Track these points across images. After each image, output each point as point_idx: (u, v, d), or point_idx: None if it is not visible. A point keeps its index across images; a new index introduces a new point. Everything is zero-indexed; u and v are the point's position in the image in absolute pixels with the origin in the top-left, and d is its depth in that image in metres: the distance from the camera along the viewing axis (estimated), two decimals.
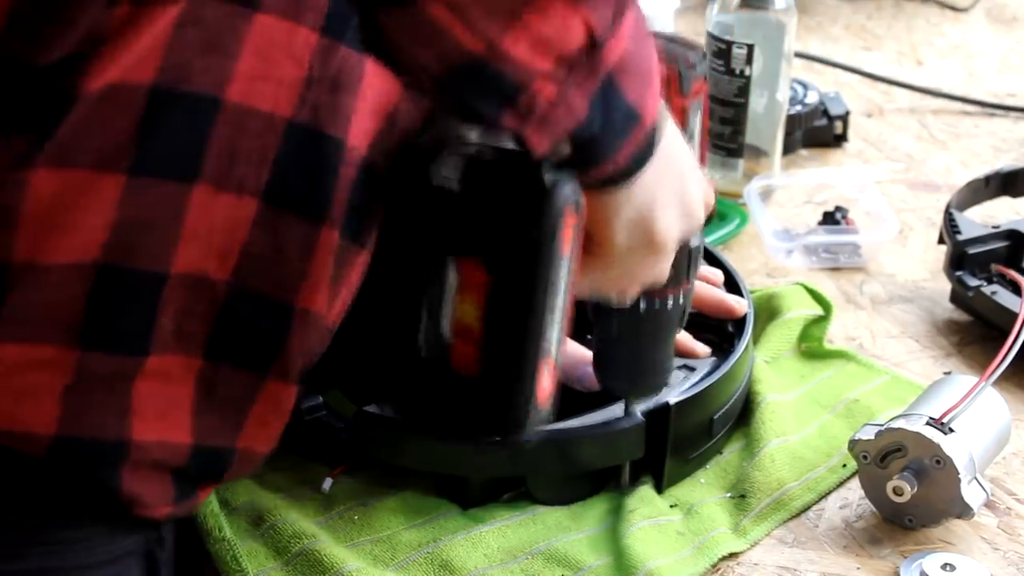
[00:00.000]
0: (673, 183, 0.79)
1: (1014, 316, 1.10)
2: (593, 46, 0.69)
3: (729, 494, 1.02)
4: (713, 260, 1.16)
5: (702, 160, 0.92)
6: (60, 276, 0.77)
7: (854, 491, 1.02)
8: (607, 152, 0.73)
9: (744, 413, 1.08)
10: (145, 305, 0.79)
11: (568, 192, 0.71)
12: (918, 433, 0.96)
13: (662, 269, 0.85)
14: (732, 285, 1.13)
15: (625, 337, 0.94)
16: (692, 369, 1.04)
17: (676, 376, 1.03)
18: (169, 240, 0.78)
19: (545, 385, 0.75)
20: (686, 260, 0.91)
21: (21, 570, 0.81)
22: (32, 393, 0.78)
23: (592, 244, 0.78)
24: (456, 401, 0.76)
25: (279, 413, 0.86)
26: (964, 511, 0.97)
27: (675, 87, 0.87)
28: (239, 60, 0.76)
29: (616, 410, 0.99)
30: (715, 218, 1.35)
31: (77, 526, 0.82)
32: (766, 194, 1.40)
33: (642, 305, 0.91)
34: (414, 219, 0.73)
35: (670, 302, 0.92)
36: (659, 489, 1.01)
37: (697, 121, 0.91)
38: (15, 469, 0.79)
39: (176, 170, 0.77)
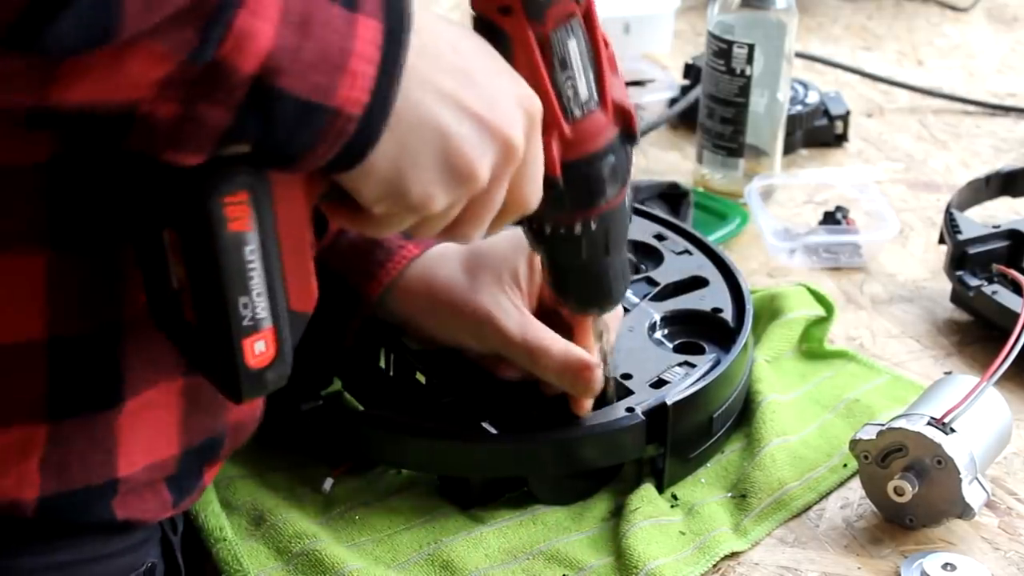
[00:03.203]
0: (427, 147, 0.72)
1: (1015, 316, 1.10)
2: (195, 63, 0.64)
3: (730, 494, 1.02)
4: (715, 259, 1.16)
5: (603, 87, 0.83)
6: (9, 359, 0.75)
7: (855, 491, 1.02)
8: (293, 150, 0.69)
9: (745, 413, 1.08)
10: (105, 361, 0.77)
11: (224, 174, 0.70)
12: (919, 433, 0.96)
13: (480, 213, 0.78)
14: (734, 284, 1.13)
15: (551, 260, 0.90)
16: (693, 366, 1.04)
17: (675, 374, 1.03)
18: (113, 295, 0.77)
19: (257, 351, 0.73)
20: (583, 186, 0.84)
21: (50, 563, 0.81)
22: (10, 468, 0.77)
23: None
24: (189, 345, 0.76)
25: None
26: (965, 511, 0.97)
27: (521, 16, 0.79)
28: None
29: (616, 410, 0.99)
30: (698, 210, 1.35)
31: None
32: (767, 194, 1.40)
33: (547, 229, 0.87)
34: (136, 175, 0.73)
35: (578, 228, 0.86)
36: (660, 488, 1.01)
37: (572, 47, 0.81)
38: (7, 521, 0.79)
39: (99, 237, 0.75)
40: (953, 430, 0.97)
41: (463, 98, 0.74)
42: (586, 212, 0.86)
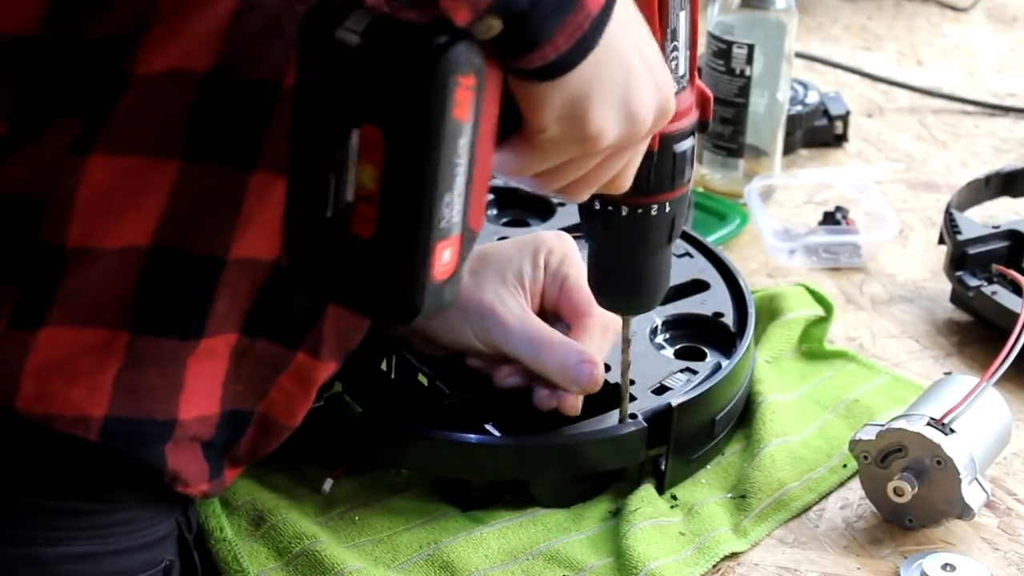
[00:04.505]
0: (617, 79, 0.75)
1: (1014, 316, 1.10)
2: None
3: (730, 494, 1.02)
4: (715, 260, 1.16)
5: (692, 67, 0.85)
6: (113, 261, 0.78)
7: (854, 491, 1.03)
8: (539, 35, 0.70)
9: (745, 413, 1.08)
10: (202, 290, 0.80)
11: (458, 54, 0.69)
12: (919, 433, 0.97)
13: (607, 170, 0.80)
14: (734, 285, 1.13)
15: (607, 245, 0.91)
16: (695, 372, 1.04)
17: (677, 380, 1.03)
18: (227, 225, 0.79)
19: (444, 259, 0.72)
20: (669, 166, 0.86)
21: (74, 554, 0.83)
22: (84, 377, 0.79)
23: (524, 128, 0.76)
24: (353, 266, 0.73)
25: (304, 387, 0.88)
26: (965, 511, 0.97)
27: None
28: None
29: (618, 414, 0.99)
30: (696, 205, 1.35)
31: (122, 510, 0.84)
32: (766, 194, 1.40)
33: (622, 211, 0.88)
34: (319, 78, 0.72)
35: (654, 210, 0.87)
36: (660, 490, 1.01)
37: (682, 19, 0.83)
38: (64, 451, 0.80)
39: (233, 157, 0.78)
40: (953, 430, 0.97)
41: (643, 46, 0.77)
42: (664, 194, 0.87)
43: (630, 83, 0.75)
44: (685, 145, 0.86)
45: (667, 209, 0.88)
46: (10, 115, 0.77)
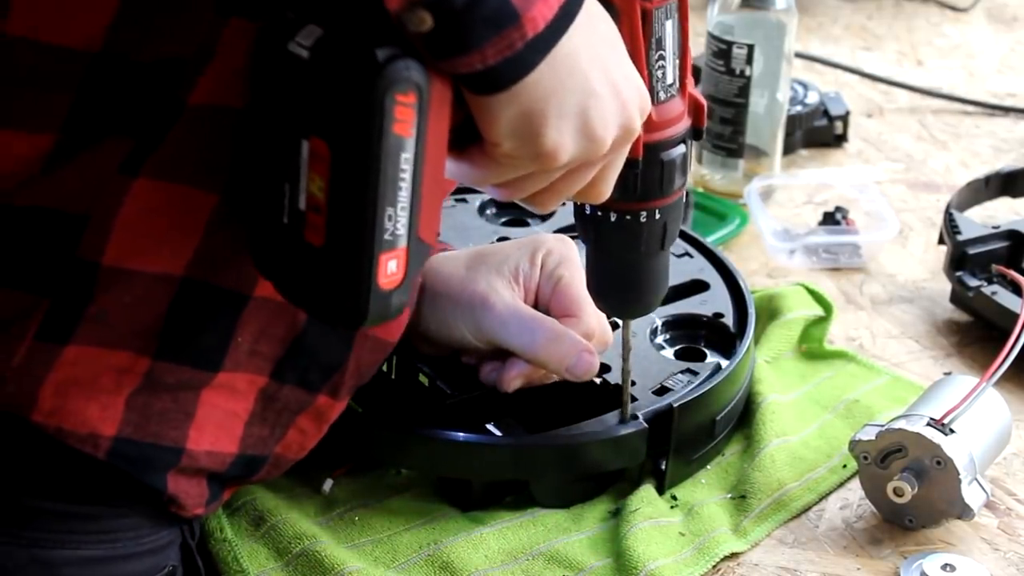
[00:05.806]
0: (573, 98, 0.74)
1: (1014, 316, 1.11)
2: None
3: (730, 495, 1.03)
4: (715, 260, 1.16)
5: (683, 75, 0.85)
6: (146, 285, 0.79)
7: (854, 491, 1.03)
8: (468, 41, 0.69)
9: (745, 414, 1.08)
10: (224, 323, 0.81)
11: (398, 71, 0.70)
12: (919, 434, 0.97)
13: (572, 184, 0.80)
14: (733, 285, 1.13)
15: (600, 249, 0.91)
16: (695, 373, 1.04)
17: (677, 381, 1.03)
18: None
19: (390, 270, 0.73)
20: (657, 173, 0.86)
21: (83, 557, 0.84)
22: (100, 396, 0.80)
23: (482, 141, 0.76)
24: (306, 271, 0.75)
25: (319, 425, 0.89)
26: (964, 512, 0.97)
27: None
28: None
29: (618, 414, 0.99)
30: (694, 211, 1.35)
31: (128, 516, 0.85)
32: (766, 194, 1.40)
33: (611, 217, 0.88)
34: (273, 88, 0.74)
35: (643, 216, 0.88)
36: (660, 490, 1.01)
37: (669, 28, 0.84)
38: (74, 461, 0.81)
39: None
40: (952, 431, 0.97)
41: (610, 67, 0.76)
42: (653, 201, 0.87)
43: (588, 103, 0.75)
44: (674, 153, 0.86)
45: (657, 216, 0.88)
46: (62, 127, 0.77)
